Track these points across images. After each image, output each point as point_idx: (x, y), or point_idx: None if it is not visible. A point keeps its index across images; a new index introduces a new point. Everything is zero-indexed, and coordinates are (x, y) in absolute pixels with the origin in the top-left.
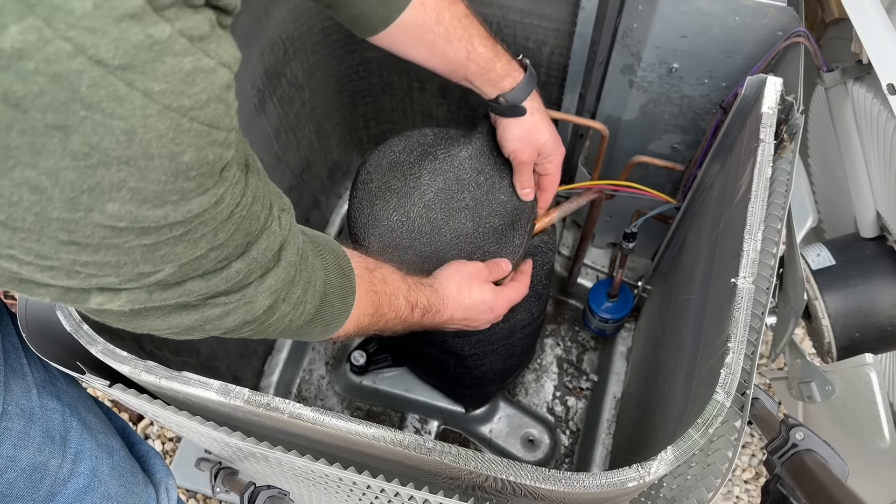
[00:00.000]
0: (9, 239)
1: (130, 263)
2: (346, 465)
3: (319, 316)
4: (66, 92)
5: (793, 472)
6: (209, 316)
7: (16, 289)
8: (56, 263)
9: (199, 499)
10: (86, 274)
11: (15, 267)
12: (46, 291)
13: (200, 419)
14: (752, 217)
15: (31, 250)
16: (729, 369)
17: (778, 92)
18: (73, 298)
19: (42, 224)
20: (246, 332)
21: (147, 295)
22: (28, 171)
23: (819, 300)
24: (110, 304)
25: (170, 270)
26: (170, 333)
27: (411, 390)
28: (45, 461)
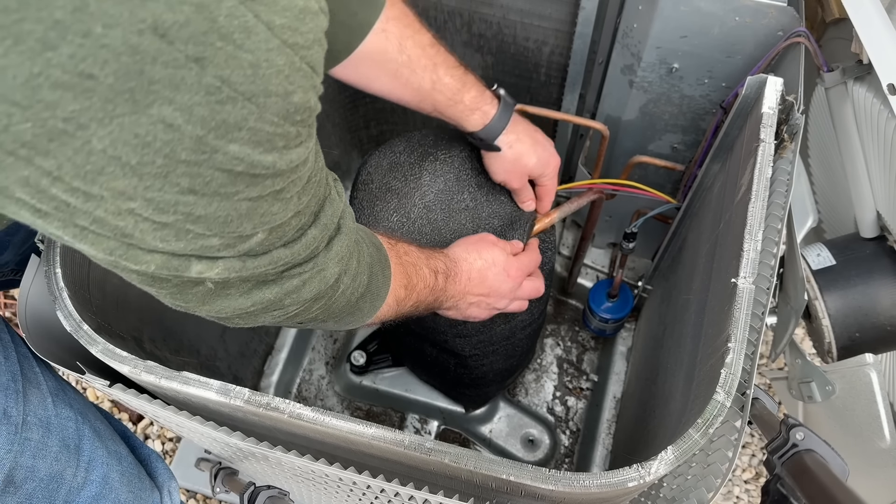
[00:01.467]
0: (133, 188)
1: (235, 220)
2: (346, 465)
3: (369, 290)
4: (206, 22)
5: (793, 472)
6: (288, 288)
7: (120, 259)
8: (171, 219)
9: (198, 499)
10: (194, 234)
11: (130, 225)
12: (151, 259)
13: (200, 419)
14: (753, 217)
15: (151, 202)
16: (729, 369)
17: (778, 92)
18: (174, 266)
19: (169, 168)
20: (316, 310)
21: (241, 263)
22: (165, 107)
23: (819, 300)
24: (209, 271)
25: (261, 236)
26: (253, 312)
27: (411, 390)
28: (62, 470)
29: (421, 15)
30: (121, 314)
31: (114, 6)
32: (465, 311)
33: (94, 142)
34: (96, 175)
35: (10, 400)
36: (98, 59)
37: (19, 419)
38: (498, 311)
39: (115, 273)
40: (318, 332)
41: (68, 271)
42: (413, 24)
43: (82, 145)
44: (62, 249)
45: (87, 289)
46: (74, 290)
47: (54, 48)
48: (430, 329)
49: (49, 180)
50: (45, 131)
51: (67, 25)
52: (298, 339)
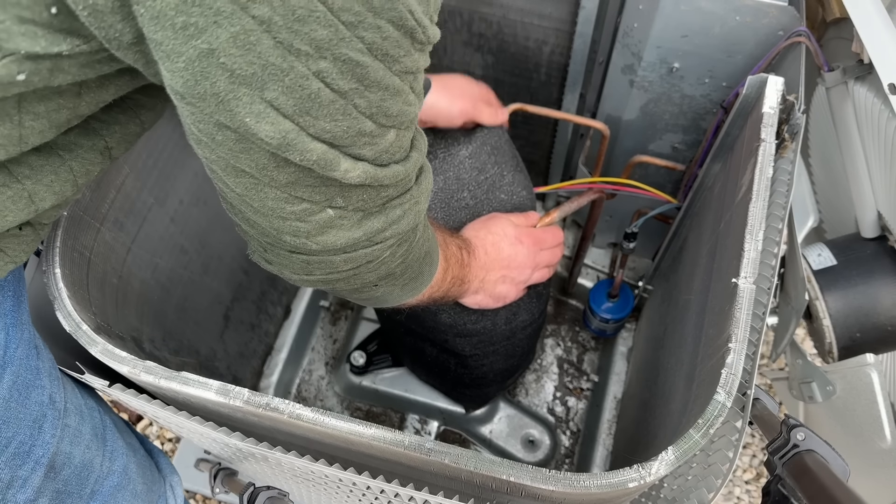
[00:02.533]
0: (329, 40)
1: (388, 98)
2: (346, 465)
3: (432, 246)
4: None
5: (794, 472)
6: (392, 218)
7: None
8: (347, 86)
9: (198, 499)
10: (357, 112)
11: (315, 91)
12: (315, 147)
13: (200, 419)
14: (754, 217)
15: (339, 59)
16: (730, 369)
17: (779, 91)
18: (329, 160)
19: (361, 17)
20: (400, 256)
21: (373, 170)
22: None
23: (820, 300)
24: (353, 171)
25: (392, 136)
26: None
27: (411, 390)
28: (92, 458)
29: None
30: (120, 314)
31: None
32: (493, 291)
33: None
34: (303, 22)
35: (55, 386)
36: None
37: (62, 405)
38: (525, 284)
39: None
40: (318, 333)
41: (67, 272)
42: None
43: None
44: (61, 249)
45: (87, 289)
46: (74, 290)
47: None
48: (431, 329)
49: (258, 34)
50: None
51: None
52: (298, 339)
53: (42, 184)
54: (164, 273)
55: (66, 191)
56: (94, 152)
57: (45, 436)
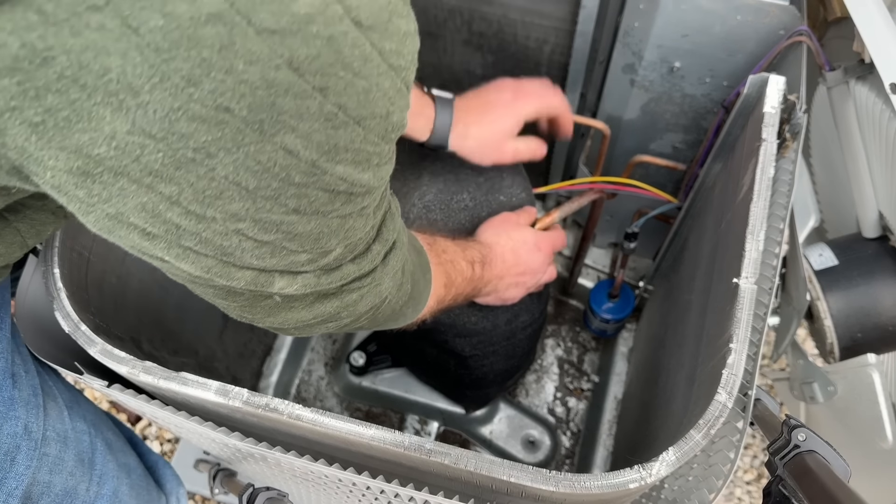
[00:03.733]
0: (246, 210)
1: (326, 236)
2: (346, 465)
3: (412, 296)
4: (333, 54)
5: (795, 473)
6: (347, 301)
7: (214, 276)
8: (272, 238)
9: (197, 500)
10: (288, 251)
11: (234, 245)
12: (242, 275)
13: (199, 419)
14: (755, 217)
15: (258, 222)
16: (731, 370)
17: (780, 91)
18: (261, 282)
19: (281, 191)
20: (364, 320)
21: (316, 279)
22: (289, 135)
23: (821, 300)
24: (289, 287)
25: (339, 251)
26: (312, 324)
27: (411, 391)
28: (76, 485)
29: (420, 13)
30: (119, 315)
31: (257, 44)
32: (503, 293)
33: (218, 169)
34: (214, 199)
35: (32, 415)
36: (236, 94)
37: (39, 434)
38: (534, 287)
39: (112, 273)
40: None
41: (66, 272)
42: None
43: (206, 172)
44: (60, 249)
45: (86, 289)
46: (72, 290)
47: (197, 84)
48: (430, 329)
49: (166, 205)
50: (173, 161)
51: (213, 63)
52: (297, 339)
53: None
54: (163, 273)
55: (15, 252)
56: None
57: (18, 467)
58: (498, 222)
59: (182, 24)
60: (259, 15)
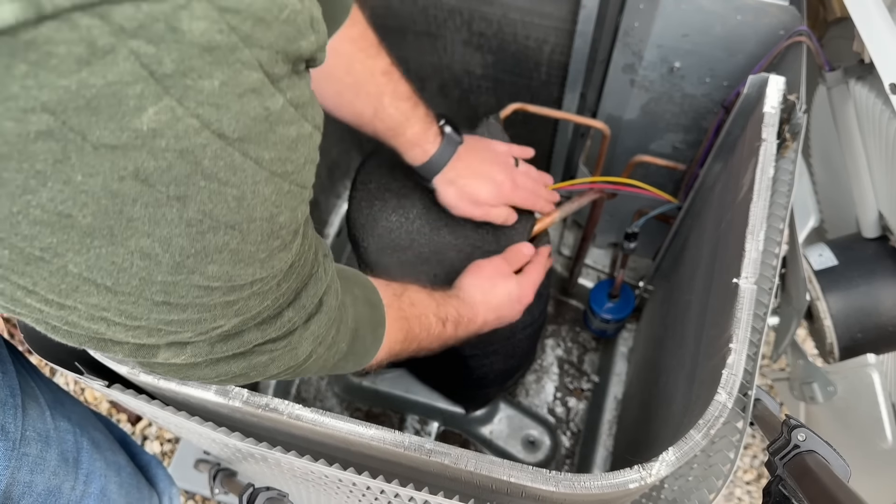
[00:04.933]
0: (108, 302)
1: (209, 319)
2: (346, 465)
3: (352, 352)
4: (189, 165)
5: (794, 473)
6: (255, 363)
7: (92, 346)
8: (143, 323)
9: (197, 500)
10: (166, 331)
11: (103, 328)
12: (121, 349)
13: (199, 419)
14: (755, 217)
15: (124, 312)
16: (731, 370)
17: (780, 91)
18: (143, 354)
19: (143, 288)
20: (283, 375)
21: (209, 347)
22: (144, 239)
23: (821, 300)
24: (175, 358)
25: (235, 321)
26: (216, 381)
27: (411, 391)
28: (60, 484)
29: (420, 13)
30: None
31: (95, 158)
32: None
33: (69, 266)
34: (71, 292)
35: (8, 416)
36: (77, 202)
37: (17, 434)
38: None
39: None
40: None
41: None
42: (370, 47)
43: (58, 269)
44: None
45: None
46: None
47: (34, 192)
48: None
49: (24, 293)
50: (21, 257)
51: (48, 175)
52: None
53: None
54: None
55: None
56: None
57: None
58: (487, 275)
59: (10, 140)
60: (94, 133)
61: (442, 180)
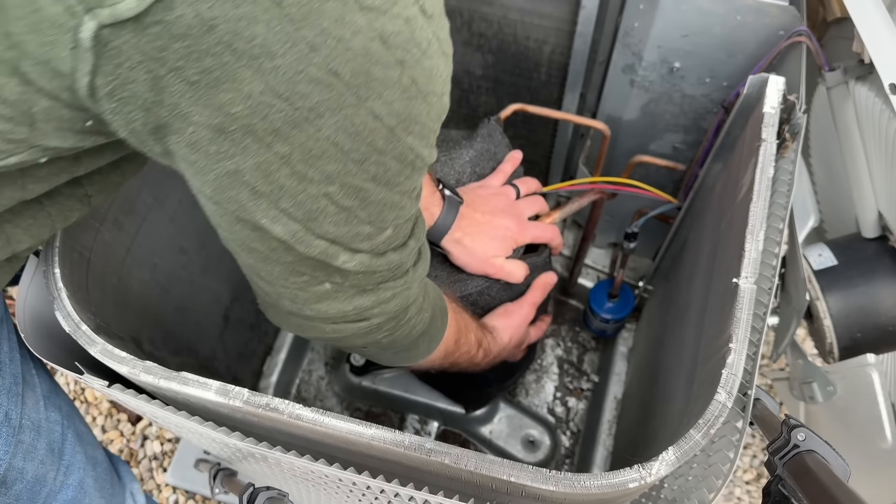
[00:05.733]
0: (338, 172)
1: (387, 209)
2: (346, 465)
3: (429, 330)
4: (409, 31)
5: (794, 472)
6: (381, 298)
7: (296, 241)
8: (350, 204)
9: (197, 500)
10: (358, 220)
11: (322, 207)
12: (318, 244)
13: (199, 419)
14: (754, 217)
15: (345, 186)
16: (730, 370)
17: (780, 91)
18: (330, 253)
19: (367, 155)
20: (384, 332)
21: (369, 260)
22: (377, 101)
23: (821, 300)
24: (349, 262)
25: (389, 232)
26: (347, 315)
27: (411, 391)
28: (45, 473)
29: None
30: (120, 315)
31: (360, 17)
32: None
33: (323, 129)
34: (316, 159)
35: (13, 403)
36: (343, 60)
37: (17, 422)
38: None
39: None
40: None
41: (67, 272)
42: None
43: (314, 132)
44: (61, 249)
45: (86, 289)
46: (73, 290)
47: (317, 50)
48: None
49: (278, 164)
50: (292, 120)
51: (330, 31)
52: (298, 339)
53: (20, 227)
54: (164, 273)
55: (44, 234)
56: (73, 199)
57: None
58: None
59: (306, 2)
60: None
61: (450, 241)
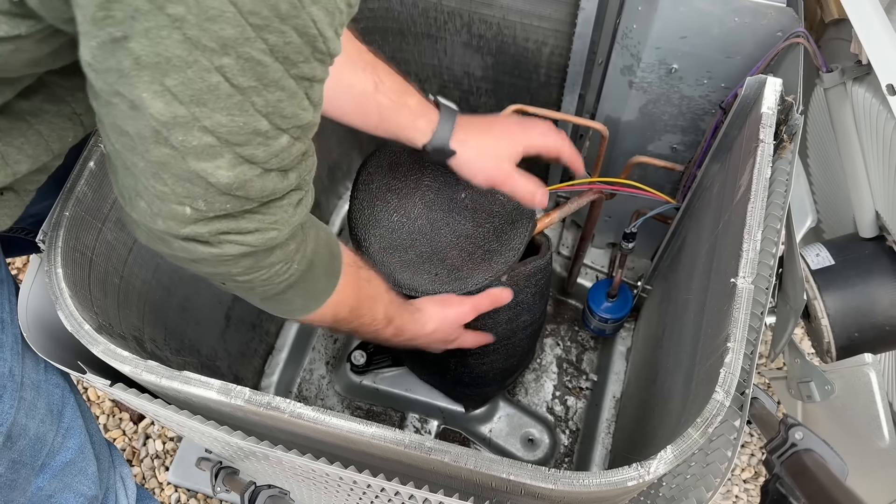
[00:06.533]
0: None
1: (285, 100)
2: (347, 464)
3: (302, 285)
4: None
5: (792, 471)
6: (241, 227)
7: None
8: (246, 84)
9: (199, 498)
10: (253, 109)
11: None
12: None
13: (201, 418)
14: (752, 217)
15: (241, 57)
16: (728, 369)
17: (777, 92)
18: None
19: (268, 21)
20: (242, 267)
21: (251, 174)
22: None
23: (818, 300)
24: (227, 172)
25: (284, 141)
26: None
27: (411, 390)
28: (45, 432)
29: (421, 16)
30: (122, 314)
31: None
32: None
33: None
34: (213, 21)
35: (16, 360)
36: None
37: (20, 379)
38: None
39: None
40: (319, 332)
41: (69, 271)
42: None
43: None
44: (63, 249)
45: (89, 289)
46: (76, 290)
47: None
48: None
49: (168, 30)
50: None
51: None
52: (299, 338)
53: (13, 146)
54: (166, 273)
55: (41, 155)
56: (61, 118)
57: (4, 405)
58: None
59: None
60: None
61: (456, 143)
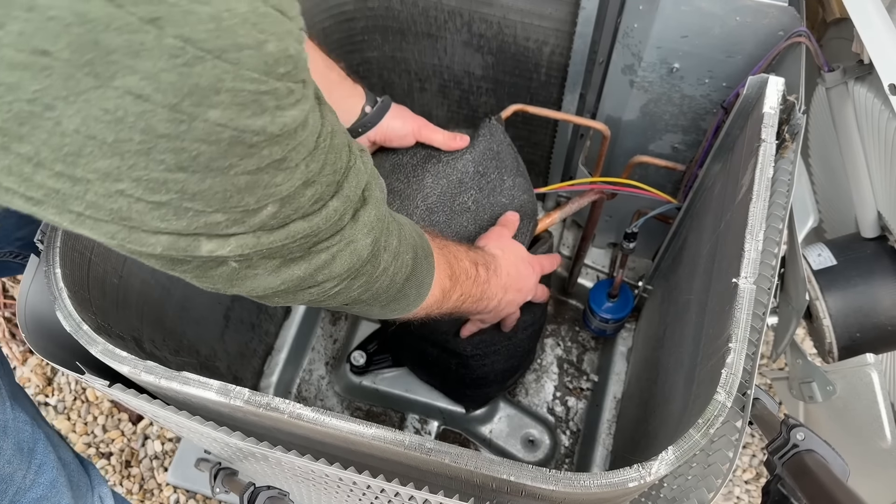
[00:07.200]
0: (117, 168)
1: (236, 195)
2: (346, 465)
3: (414, 273)
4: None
5: (793, 472)
6: (317, 264)
7: (125, 242)
8: (165, 198)
9: (198, 499)
10: (194, 211)
11: (125, 207)
12: (157, 241)
13: (200, 419)
14: (754, 217)
15: (140, 181)
16: (730, 369)
17: (779, 92)
18: (183, 247)
19: (149, 144)
20: (357, 289)
21: (255, 239)
22: (130, 76)
23: (820, 300)
24: (221, 249)
25: (272, 209)
26: (286, 290)
27: (411, 390)
28: (13, 472)
29: (421, 15)
30: (121, 314)
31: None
32: (502, 309)
33: (64, 122)
34: (76, 157)
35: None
36: (49, 33)
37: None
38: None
39: (114, 273)
40: (318, 333)
41: (68, 271)
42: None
43: (54, 126)
44: (62, 249)
45: (87, 289)
46: (74, 290)
47: (2, 26)
48: (432, 329)
49: (31, 167)
50: (12, 115)
51: (13, 3)
52: (298, 339)
53: None
54: (164, 273)
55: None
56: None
57: None
58: (496, 234)
59: None
60: None
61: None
